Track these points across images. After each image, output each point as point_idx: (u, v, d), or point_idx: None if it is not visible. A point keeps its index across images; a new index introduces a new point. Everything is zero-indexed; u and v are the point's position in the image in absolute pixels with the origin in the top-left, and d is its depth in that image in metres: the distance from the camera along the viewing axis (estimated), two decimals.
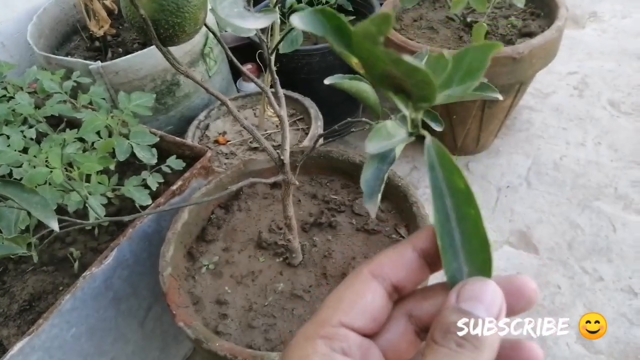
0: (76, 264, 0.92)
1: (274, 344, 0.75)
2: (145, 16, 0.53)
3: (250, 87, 1.63)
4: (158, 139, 0.95)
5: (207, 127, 1.32)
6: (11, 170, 0.93)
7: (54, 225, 0.55)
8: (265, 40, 0.71)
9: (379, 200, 0.32)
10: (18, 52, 1.41)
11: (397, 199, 0.91)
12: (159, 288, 1.01)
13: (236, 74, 1.65)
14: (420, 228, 0.82)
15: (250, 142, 1.25)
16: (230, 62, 1.55)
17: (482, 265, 0.27)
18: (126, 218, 0.62)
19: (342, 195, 0.97)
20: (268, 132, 1.27)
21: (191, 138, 1.25)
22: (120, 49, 1.43)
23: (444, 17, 1.48)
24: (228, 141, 1.26)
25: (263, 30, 0.69)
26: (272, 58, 0.74)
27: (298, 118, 1.31)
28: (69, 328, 0.83)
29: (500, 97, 0.42)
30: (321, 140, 1.26)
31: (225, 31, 1.63)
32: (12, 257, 0.96)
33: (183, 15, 0.58)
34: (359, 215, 0.92)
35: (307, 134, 1.25)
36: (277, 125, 1.29)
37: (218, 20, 0.59)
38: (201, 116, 1.32)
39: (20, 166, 0.90)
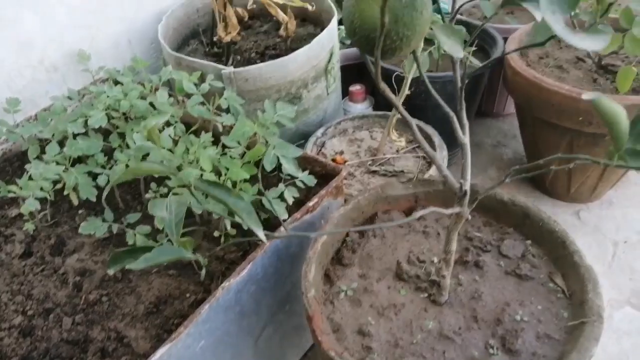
0: (203, 271, 0.89)
1: None
2: (385, 24, 0.50)
3: (356, 108, 1.60)
4: (302, 152, 0.92)
5: (323, 144, 1.29)
6: None
7: (261, 235, 0.52)
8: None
9: None
10: (140, 50, 1.43)
11: (550, 245, 0.85)
12: (275, 308, 0.97)
13: (343, 94, 1.62)
14: (585, 278, 0.75)
15: (369, 164, 1.21)
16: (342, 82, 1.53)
17: None
18: (313, 234, 0.58)
19: (486, 234, 0.91)
20: (387, 156, 1.23)
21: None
22: (238, 57, 1.43)
23: (572, 56, 1.42)
24: (346, 161, 1.22)
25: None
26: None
27: (417, 145, 1.27)
28: (200, 340, 0.79)
29: None
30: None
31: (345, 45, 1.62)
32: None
33: (414, 29, 0.55)
34: (506, 258, 0.86)
35: (428, 162, 1.20)
36: (397, 150, 1.24)
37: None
38: (319, 132, 1.29)
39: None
